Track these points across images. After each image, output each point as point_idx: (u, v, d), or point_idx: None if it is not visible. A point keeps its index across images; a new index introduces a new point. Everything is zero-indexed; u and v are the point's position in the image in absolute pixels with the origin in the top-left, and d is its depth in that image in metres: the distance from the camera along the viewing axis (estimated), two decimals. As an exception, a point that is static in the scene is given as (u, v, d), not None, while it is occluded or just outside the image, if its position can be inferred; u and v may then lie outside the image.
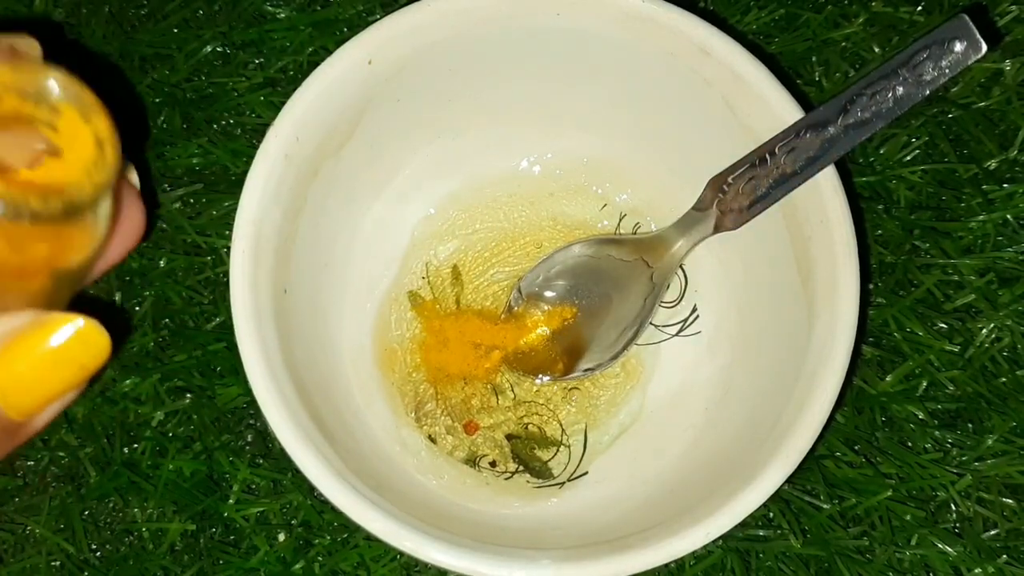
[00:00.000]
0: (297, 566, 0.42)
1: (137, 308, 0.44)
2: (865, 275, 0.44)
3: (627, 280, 0.43)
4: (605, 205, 0.45)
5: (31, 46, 0.27)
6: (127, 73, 0.46)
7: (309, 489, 0.42)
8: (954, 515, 0.43)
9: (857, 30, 0.47)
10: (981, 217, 0.45)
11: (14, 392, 0.26)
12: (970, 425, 0.44)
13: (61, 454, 0.43)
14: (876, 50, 0.47)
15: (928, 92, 0.37)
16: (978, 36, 0.36)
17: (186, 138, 0.46)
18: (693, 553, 0.39)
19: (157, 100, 0.46)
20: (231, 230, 0.36)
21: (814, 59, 0.47)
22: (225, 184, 0.45)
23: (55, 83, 0.25)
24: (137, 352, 0.44)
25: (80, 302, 0.28)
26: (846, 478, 0.43)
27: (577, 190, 0.45)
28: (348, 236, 0.43)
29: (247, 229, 0.36)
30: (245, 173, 0.37)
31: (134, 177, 0.29)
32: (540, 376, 0.43)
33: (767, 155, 0.38)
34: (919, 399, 0.44)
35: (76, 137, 0.25)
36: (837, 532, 0.43)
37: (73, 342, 0.26)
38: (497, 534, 0.39)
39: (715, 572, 0.42)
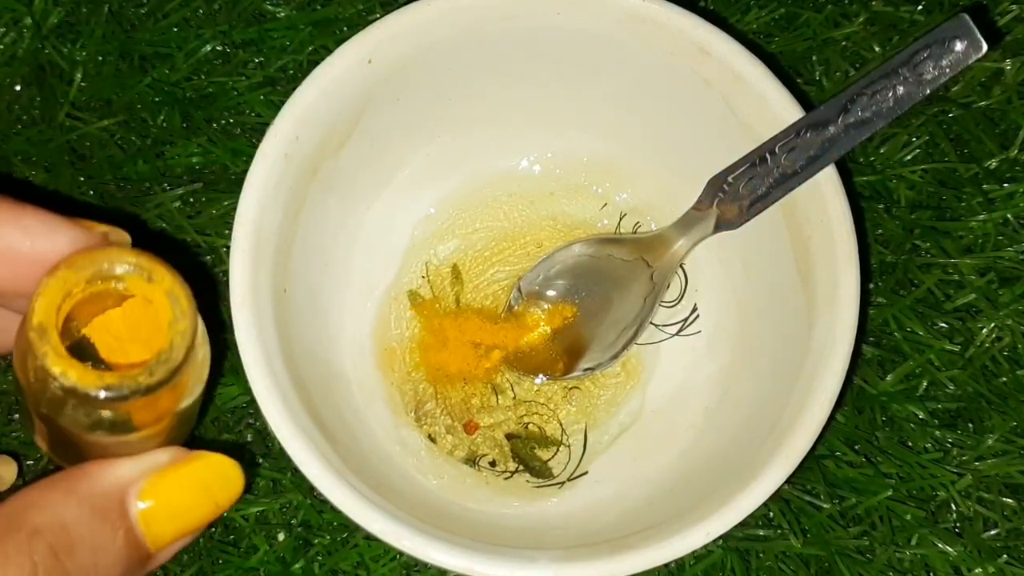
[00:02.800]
0: (297, 566, 0.42)
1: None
2: (865, 275, 0.44)
3: (627, 279, 0.43)
4: (605, 205, 0.45)
5: (121, 238, 0.30)
6: (127, 73, 0.46)
7: (309, 489, 0.42)
8: (954, 515, 0.43)
9: (857, 29, 0.47)
10: (981, 216, 0.45)
11: (156, 520, 0.28)
12: (970, 425, 0.44)
13: (61, 453, 0.43)
14: (876, 49, 0.47)
15: (928, 91, 0.37)
16: (978, 35, 0.36)
17: (186, 137, 0.45)
18: (693, 553, 0.39)
19: (157, 99, 0.46)
20: (231, 229, 0.36)
21: (814, 58, 0.47)
22: (225, 183, 0.45)
23: (106, 264, 0.27)
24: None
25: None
26: (846, 478, 0.43)
27: (577, 190, 0.45)
28: (348, 235, 0.43)
29: (247, 228, 0.36)
30: (245, 172, 0.37)
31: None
32: (540, 376, 0.43)
33: (767, 155, 0.38)
34: (919, 399, 0.44)
35: (149, 299, 0.27)
36: (837, 532, 0.43)
37: (214, 476, 0.29)
38: (497, 534, 0.39)
39: (715, 572, 0.42)
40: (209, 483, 0.29)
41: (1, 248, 0.28)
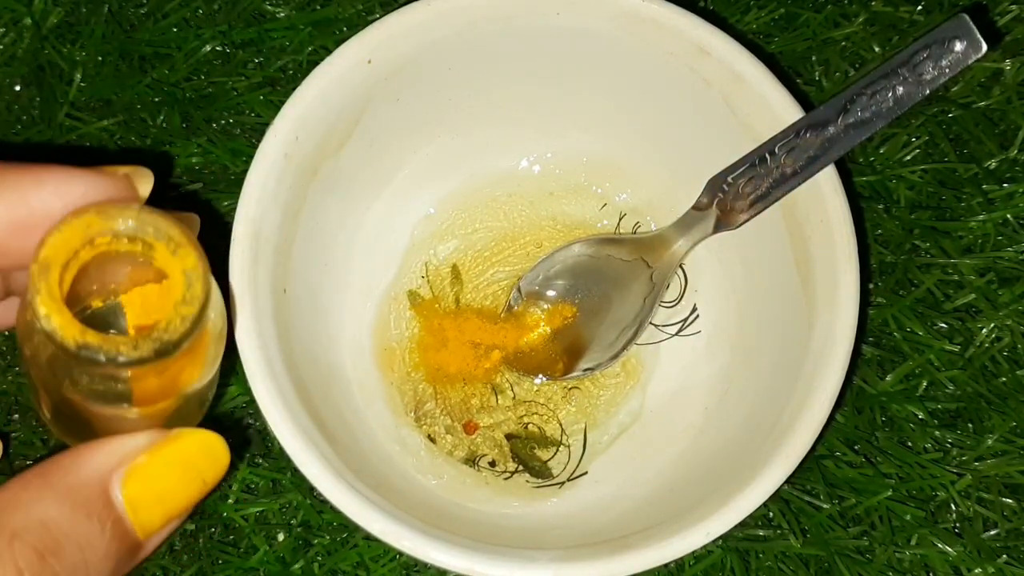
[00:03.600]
0: (296, 566, 0.42)
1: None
2: (865, 275, 0.44)
3: (627, 279, 0.43)
4: (605, 205, 0.45)
5: (146, 176, 0.29)
6: (127, 73, 0.46)
7: (308, 489, 0.42)
8: (954, 515, 0.43)
9: (857, 29, 0.47)
10: (981, 217, 0.45)
11: (143, 506, 0.27)
12: (970, 425, 0.44)
13: (60, 454, 0.43)
14: (876, 49, 0.47)
15: (928, 91, 0.37)
16: (978, 35, 0.36)
17: (185, 137, 0.45)
18: (693, 553, 0.39)
19: (156, 100, 0.46)
20: (231, 230, 0.36)
21: (814, 59, 0.47)
22: (224, 183, 0.45)
23: (136, 222, 0.26)
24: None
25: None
26: (846, 478, 0.43)
27: (577, 190, 0.45)
28: (348, 236, 0.43)
29: (246, 228, 0.36)
30: (244, 172, 0.37)
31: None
32: (540, 376, 0.43)
33: (767, 155, 0.38)
34: (919, 399, 0.44)
35: (167, 272, 0.26)
36: (837, 532, 0.43)
37: (199, 454, 0.28)
38: (497, 534, 0.39)
39: (715, 572, 0.42)
40: (195, 460, 0.28)
41: (22, 215, 0.27)
